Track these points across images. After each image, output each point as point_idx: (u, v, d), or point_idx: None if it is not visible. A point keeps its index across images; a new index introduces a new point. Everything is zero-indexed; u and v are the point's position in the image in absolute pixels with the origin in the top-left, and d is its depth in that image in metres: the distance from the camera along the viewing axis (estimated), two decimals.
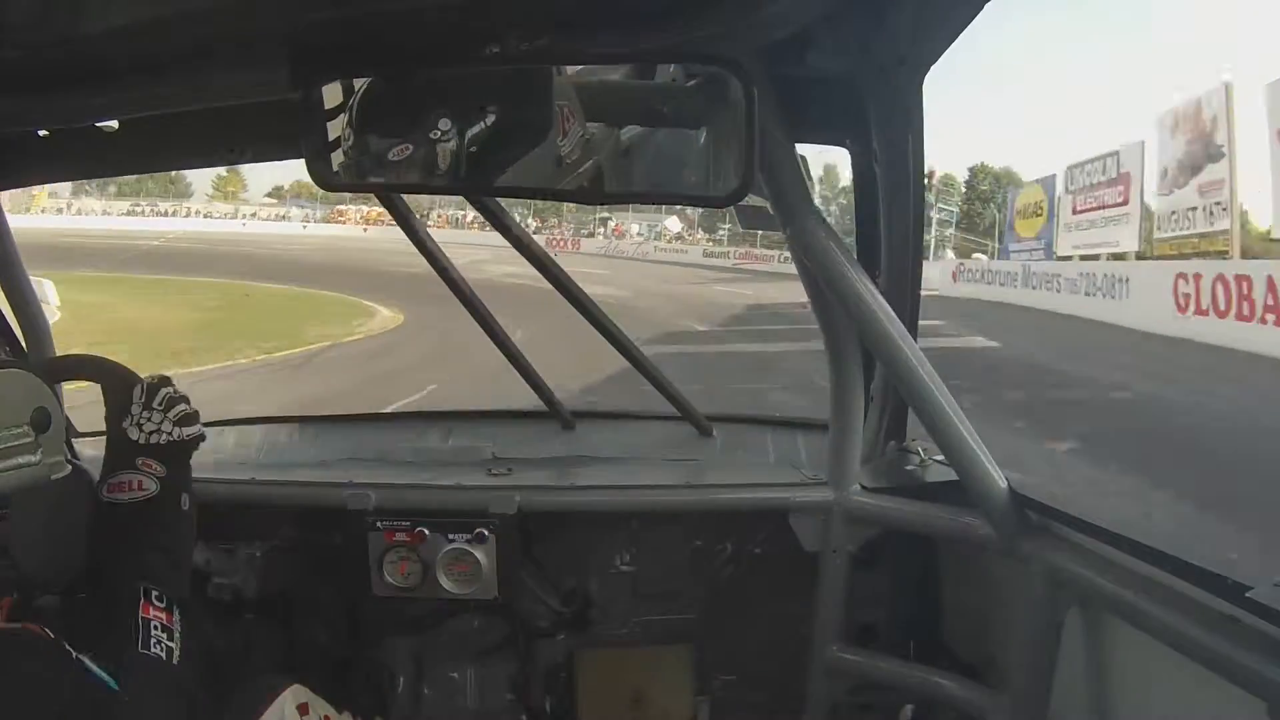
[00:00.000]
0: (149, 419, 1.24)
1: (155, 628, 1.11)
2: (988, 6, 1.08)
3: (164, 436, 1.24)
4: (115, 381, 1.30)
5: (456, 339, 9.37)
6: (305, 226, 41.78)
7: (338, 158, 1.03)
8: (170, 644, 1.12)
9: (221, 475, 1.79)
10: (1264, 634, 0.98)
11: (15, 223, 1.67)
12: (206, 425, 2.10)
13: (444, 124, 0.99)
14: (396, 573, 1.71)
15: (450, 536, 1.70)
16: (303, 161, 1.04)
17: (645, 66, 1.17)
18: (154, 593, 1.14)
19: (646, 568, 1.85)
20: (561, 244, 39.95)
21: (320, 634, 1.89)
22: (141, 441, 1.23)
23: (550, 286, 1.77)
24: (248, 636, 1.91)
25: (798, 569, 1.71)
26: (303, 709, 1.31)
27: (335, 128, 1.02)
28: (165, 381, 1.29)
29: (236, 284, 19.96)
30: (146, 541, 1.19)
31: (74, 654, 0.96)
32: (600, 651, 1.88)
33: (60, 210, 42.71)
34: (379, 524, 1.70)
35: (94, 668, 0.98)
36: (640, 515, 1.80)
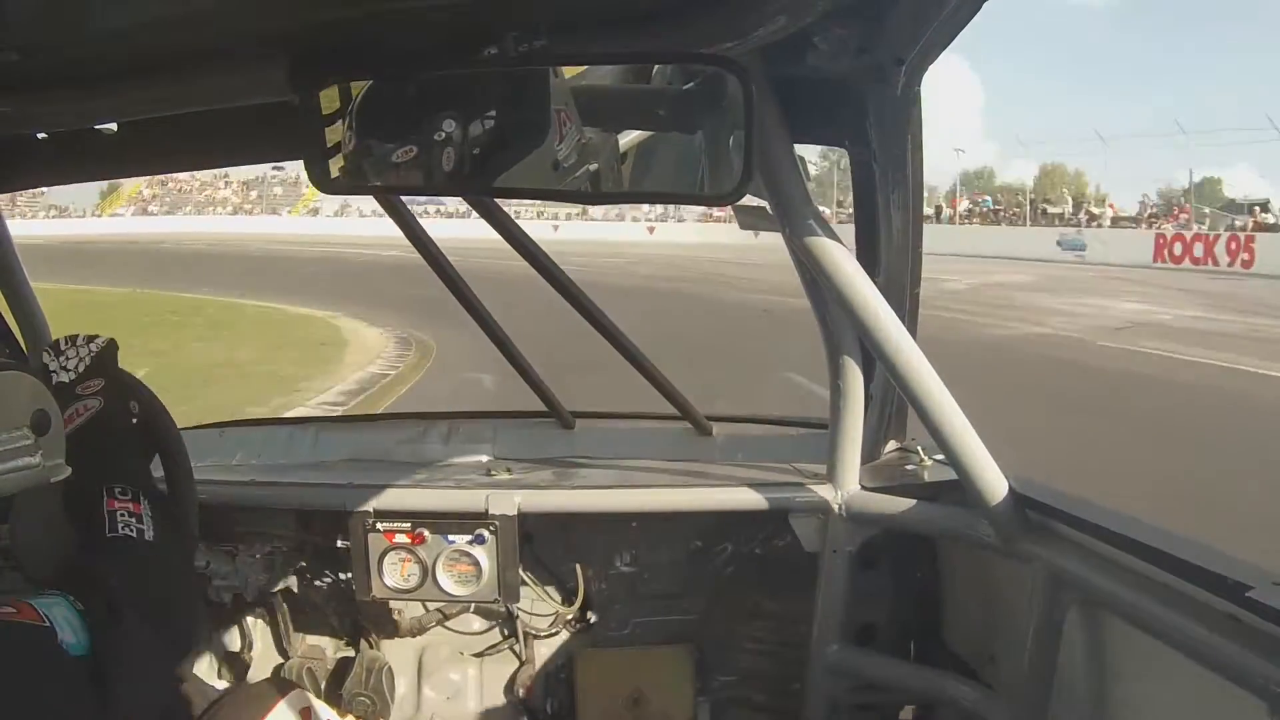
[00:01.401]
0: (66, 359, 1.26)
1: (121, 515, 1.11)
2: (986, 6, 1.08)
3: (84, 360, 1.25)
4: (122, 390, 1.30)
5: None
6: (556, 229, 32.57)
7: (337, 161, 1.03)
8: (140, 526, 1.11)
9: (222, 477, 1.79)
10: (1265, 633, 0.97)
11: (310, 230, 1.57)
12: (207, 428, 2.12)
13: (448, 125, 0.99)
14: (397, 574, 1.71)
15: (450, 538, 1.70)
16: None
17: (642, 67, 1.17)
18: (116, 488, 1.13)
19: (646, 568, 1.85)
20: None
21: (321, 636, 1.89)
22: (72, 378, 1.24)
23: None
24: (248, 639, 1.91)
25: (798, 569, 1.71)
26: (305, 714, 1.31)
27: (334, 131, 1.02)
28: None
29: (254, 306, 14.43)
30: (103, 451, 1.19)
31: (58, 636, 0.95)
32: (600, 652, 1.88)
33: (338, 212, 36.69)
34: (379, 525, 1.70)
35: (70, 638, 0.96)
36: (640, 516, 1.80)
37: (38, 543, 1.23)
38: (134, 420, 1.26)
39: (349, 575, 1.75)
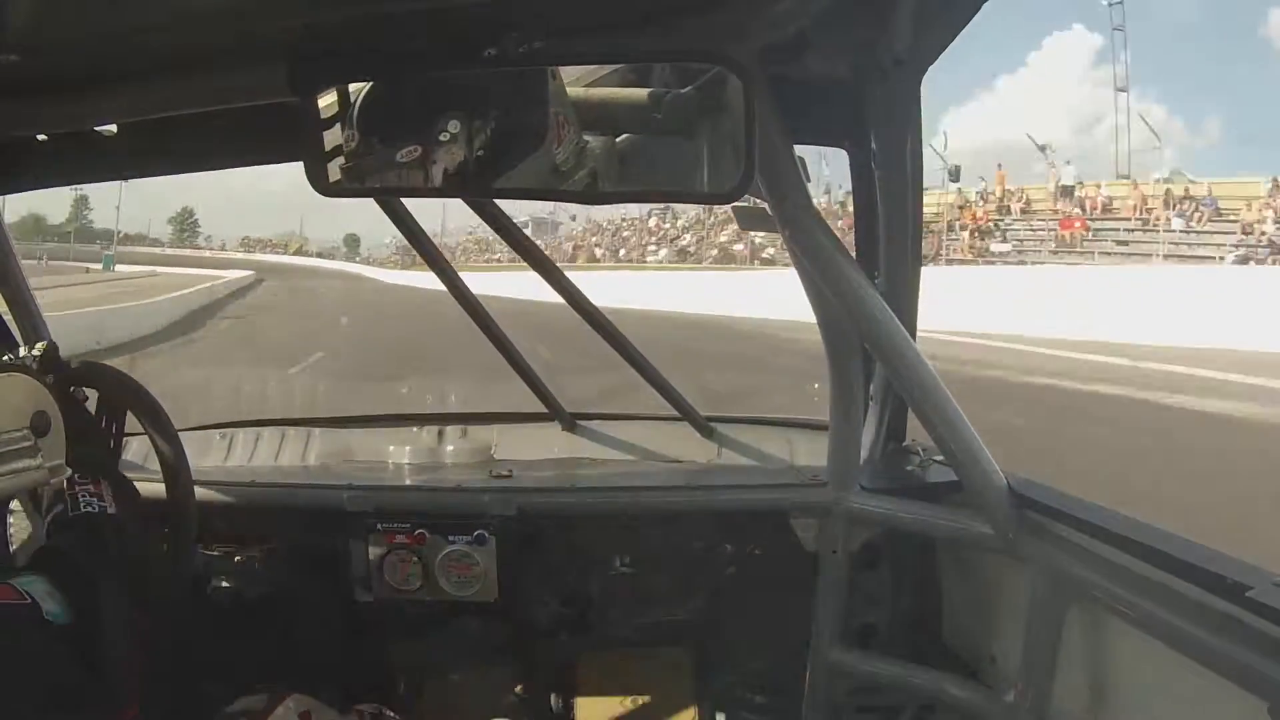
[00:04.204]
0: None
1: (83, 495, 1.15)
2: (985, 6, 1.08)
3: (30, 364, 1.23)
4: (126, 395, 1.29)
5: None
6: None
7: (337, 163, 1.03)
8: (103, 503, 1.15)
9: (221, 478, 1.79)
10: (1264, 633, 0.97)
11: None
12: (207, 428, 2.12)
13: (447, 128, 0.99)
14: (397, 575, 1.71)
15: (451, 538, 1.70)
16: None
17: (641, 69, 1.17)
18: (76, 474, 1.16)
19: (647, 569, 1.85)
20: None
21: (321, 637, 1.89)
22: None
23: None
24: (249, 640, 1.91)
25: (798, 569, 1.70)
26: (306, 716, 1.31)
27: (334, 133, 1.02)
28: None
29: None
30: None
31: (42, 610, 0.96)
32: (601, 653, 1.88)
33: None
34: (379, 526, 1.71)
35: (54, 608, 0.97)
36: (641, 516, 1.80)
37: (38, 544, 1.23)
38: (87, 407, 1.27)
39: (349, 576, 1.75)
